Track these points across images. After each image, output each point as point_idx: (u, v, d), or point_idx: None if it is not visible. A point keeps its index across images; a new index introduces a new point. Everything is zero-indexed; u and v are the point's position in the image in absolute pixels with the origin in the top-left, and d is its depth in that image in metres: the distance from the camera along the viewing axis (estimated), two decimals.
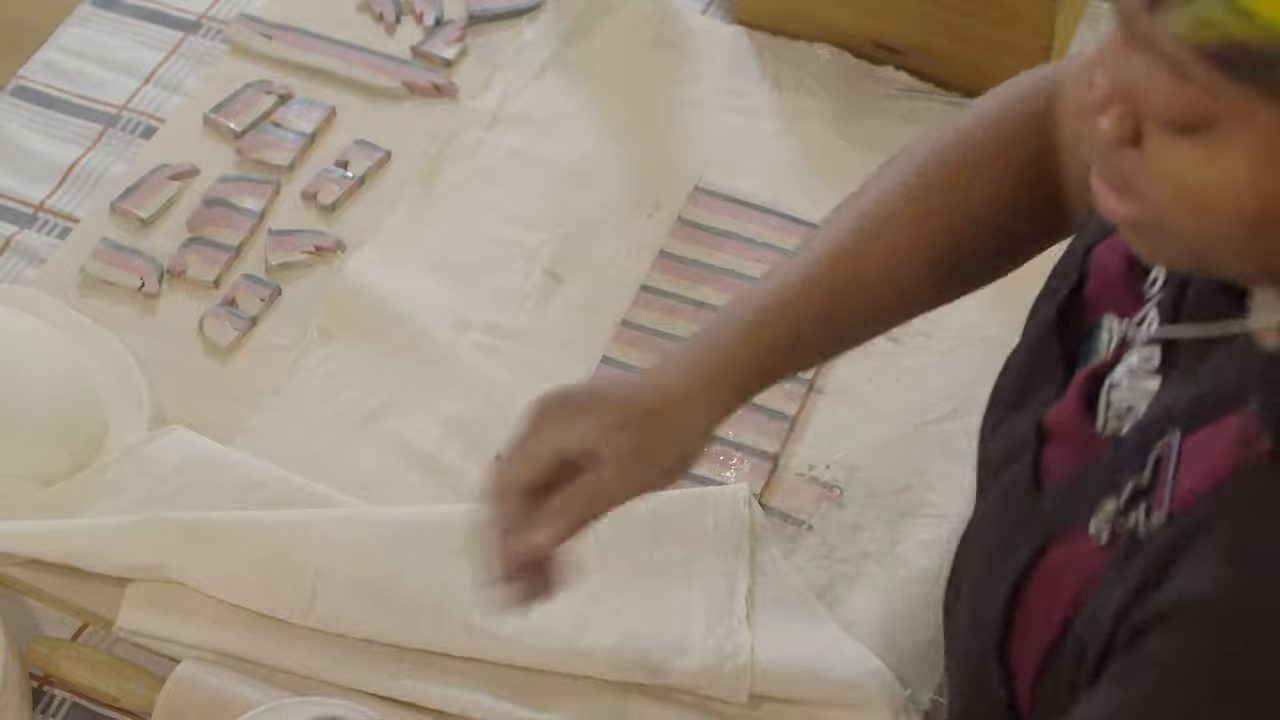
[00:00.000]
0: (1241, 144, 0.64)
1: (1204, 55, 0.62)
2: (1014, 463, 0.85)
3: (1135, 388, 0.79)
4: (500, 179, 1.41)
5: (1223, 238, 0.67)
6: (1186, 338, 0.77)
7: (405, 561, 1.14)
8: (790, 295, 0.94)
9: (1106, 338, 0.83)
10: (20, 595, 1.18)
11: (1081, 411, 0.82)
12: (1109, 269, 0.84)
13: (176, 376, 1.29)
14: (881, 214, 0.96)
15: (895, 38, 1.46)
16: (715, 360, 0.92)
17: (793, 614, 1.15)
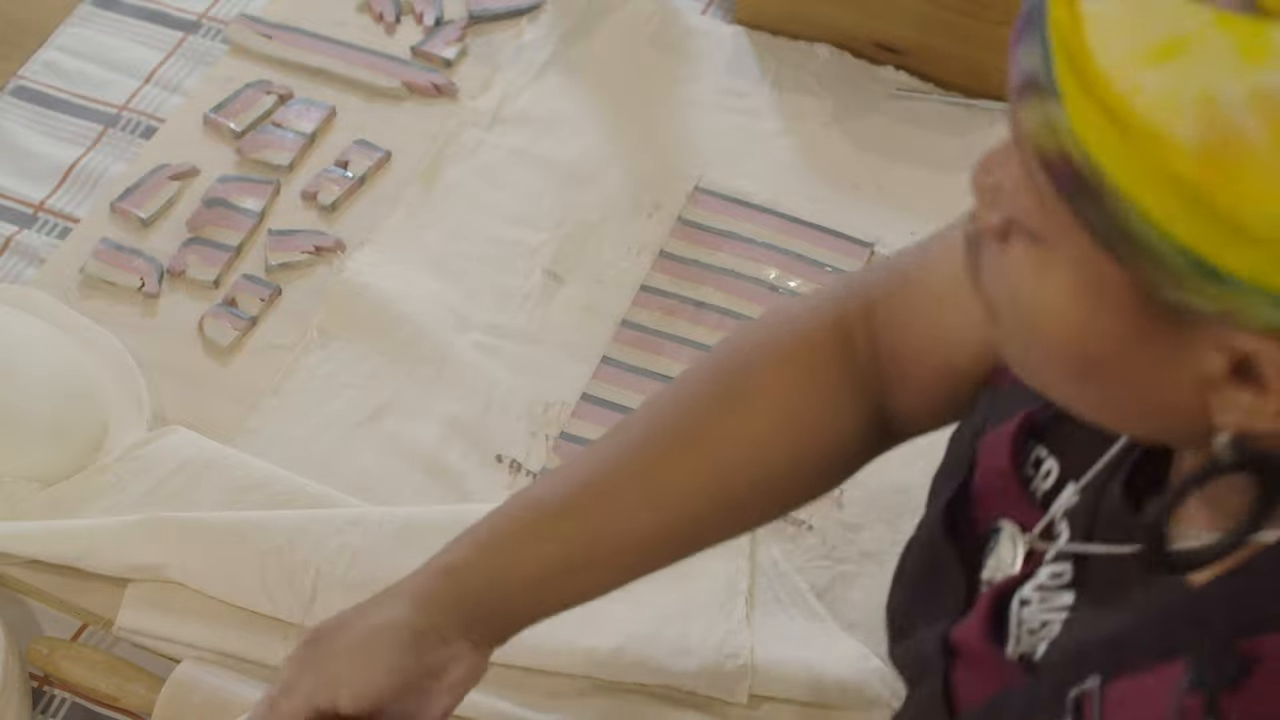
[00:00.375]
0: (1065, 270, 0.59)
1: (1043, 163, 0.57)
2: (924, 680, 0.79)
3: (1047, 605, 0.74)
4: (500, 179, 1.41)
5: (1046, 367, 0.63)
6: (1101, 555, 0.72)
7: (405, 561, 1.14)
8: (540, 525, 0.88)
9: (1010, 546, 0.77)
10: (20, 595, 1.18)
11: (989, 632, 0.75)
12: (994, 464, 0.79)
13: (176, 376, 1.29)
14: (668, 430, 0.89)
15: (895, 38, 1.46)
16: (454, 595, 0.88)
17: (793, 614, 1.15)
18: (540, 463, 1.24)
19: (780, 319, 0.92)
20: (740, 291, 1.33)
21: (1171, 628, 0.65)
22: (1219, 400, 0.58)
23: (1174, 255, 0.54)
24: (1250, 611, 0.63)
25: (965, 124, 1.43)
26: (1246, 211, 0.52)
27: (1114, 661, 0.67)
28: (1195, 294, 0.55)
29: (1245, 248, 0.53)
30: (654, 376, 1.29)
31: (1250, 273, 0.53)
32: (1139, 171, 0.54)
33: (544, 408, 1.27)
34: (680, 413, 0.90)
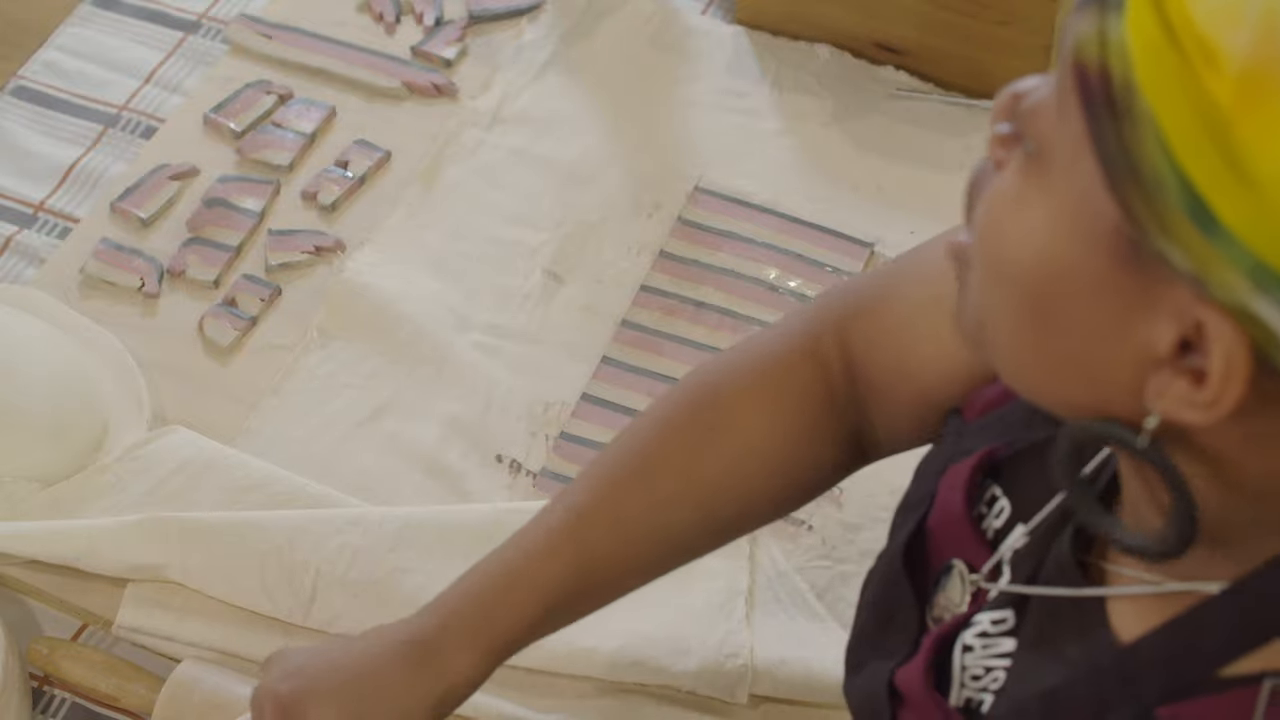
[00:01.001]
0: (1053, 196, 0.58)
1: (1077, 73, 0.55)
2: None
3: (989, 651, 0.72)
4: (500, 179, 1.41)
5: (1000, 300, 0.61)
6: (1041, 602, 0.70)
7: (405, 561, 1.15)
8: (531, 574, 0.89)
9: (959, 585, 0.76)
10: (20, 595, 1.18)
11: (930, 678, 0.74)
12: (949, 501, 0.78)
13: (176, 376, 1.29)
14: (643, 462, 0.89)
15: (895, 38, 1.46)
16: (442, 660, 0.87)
17: (793, 614, 1.15)
18: (540, 463, 1.24)
19: (752, 346, 0.92)
20: (740, 291, 1.33)
21: (1101, 687, 0.65)
22: (1155, 382, 0.57)
23: (1175, 189, 0.53)
24: (1178, 674, 0.62)
25: (965, 124, 1.43)
26: (1260, 153, 0.52)
27: None
28: (1177, 244, 0.54)
29: (1243, 193, 0.52)
30: (654, 376, 1.29)
31: (1241, 225, 0.52)
32: (1173, 88, 0.53)
33: (544, 408, 1.27)
34: (654, 444, 0.90)
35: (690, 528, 0.91)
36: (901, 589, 0.79)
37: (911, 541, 0.80)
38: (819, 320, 0.90)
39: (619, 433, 0.93)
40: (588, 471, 0.91)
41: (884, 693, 0.77)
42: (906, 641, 0.78)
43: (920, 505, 0.80)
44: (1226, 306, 0.54)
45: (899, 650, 0.78)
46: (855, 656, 0.83)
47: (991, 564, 0.75)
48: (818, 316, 0.90)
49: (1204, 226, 0.53)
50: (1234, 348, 0.54)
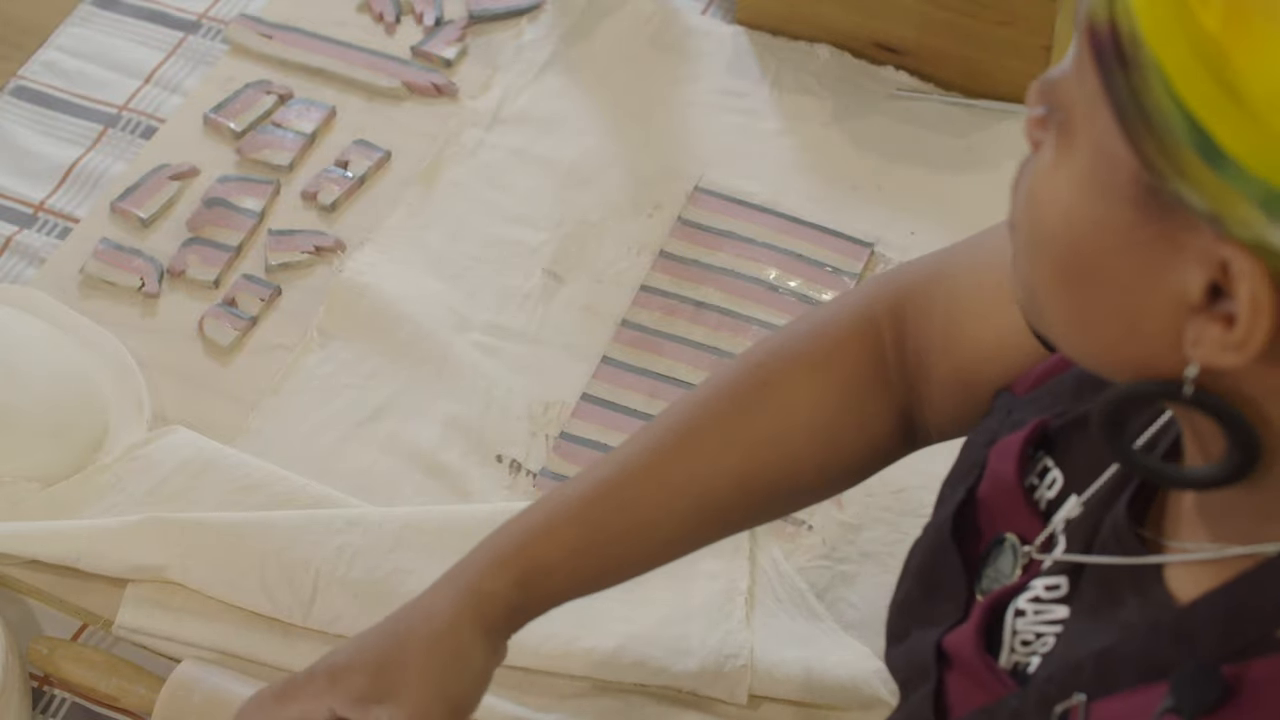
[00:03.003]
0: (1080, 155, 0.60)
1: (1091, 33, 0.58)
2: (917, 687, 0.79)
3: (1041, 617, 0.74)
4: (500, 179, 1.41)
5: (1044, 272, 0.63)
6: (1096, 568, 0.71)
7: (405, 562, 1.14)
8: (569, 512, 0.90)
9: (1010, 557, 0.77)
10: (20, 595, 1.18)
11: (982, 641, 0.75)
12: (1001, 472, 0.79)
13: (176, 376, 1.29)
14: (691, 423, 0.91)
15: (895, 38, 1.46)
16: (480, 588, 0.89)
17: (793, 614, 1.15)
18: (540, 463, 1.24)
19: (807, 321, 0.93)
20: (740, 291, 1.33)
21: (1158, 646, 0.65)
22: (1191, 329, 0.58)
23: (1182, 127, 0.54)
24: (1238, 633, 0.62)
25: (965, 124, 1.43)
26: (1251, 75, 0.53)
27: (1101, 679, 0.67)
28: (1192, 184, 0.55)
29: (1244, 121, 0.53)
30: (654, 376, 1.29)
31: (1246, 153, 0.53)
32: (1171, 28, 0.54)
33: (544, 408, 1.27)
34: (706, 412, 0.91)
35: (729, 492, 0.91)
36: (949, 557, 0.80)
37: (960, 511, 0.80)
38: (874, 297, 0.91)
39: (685, 394, 0.94)
40: (641, 432, 0.93)
41: (932, 656, 0.78)
42: (955, 609, 0.78)
43: (969, 475, 0.81)
44: (1246, 242, 0.55)
45: (946, 617, 0.78)
46: (898, 624, 0.84)
47: (1045, 535, 0.76)
48: (873, 293, 0.91)
49: (1212, 160, 0.54)
50: (1257, 283, 0.55)
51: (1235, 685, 0.61)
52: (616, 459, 0.92)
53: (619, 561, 0.92)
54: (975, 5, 1.40)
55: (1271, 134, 0.53)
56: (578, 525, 0.90)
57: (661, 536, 0.92)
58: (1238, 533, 0.64)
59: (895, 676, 0.85)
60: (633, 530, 0.91)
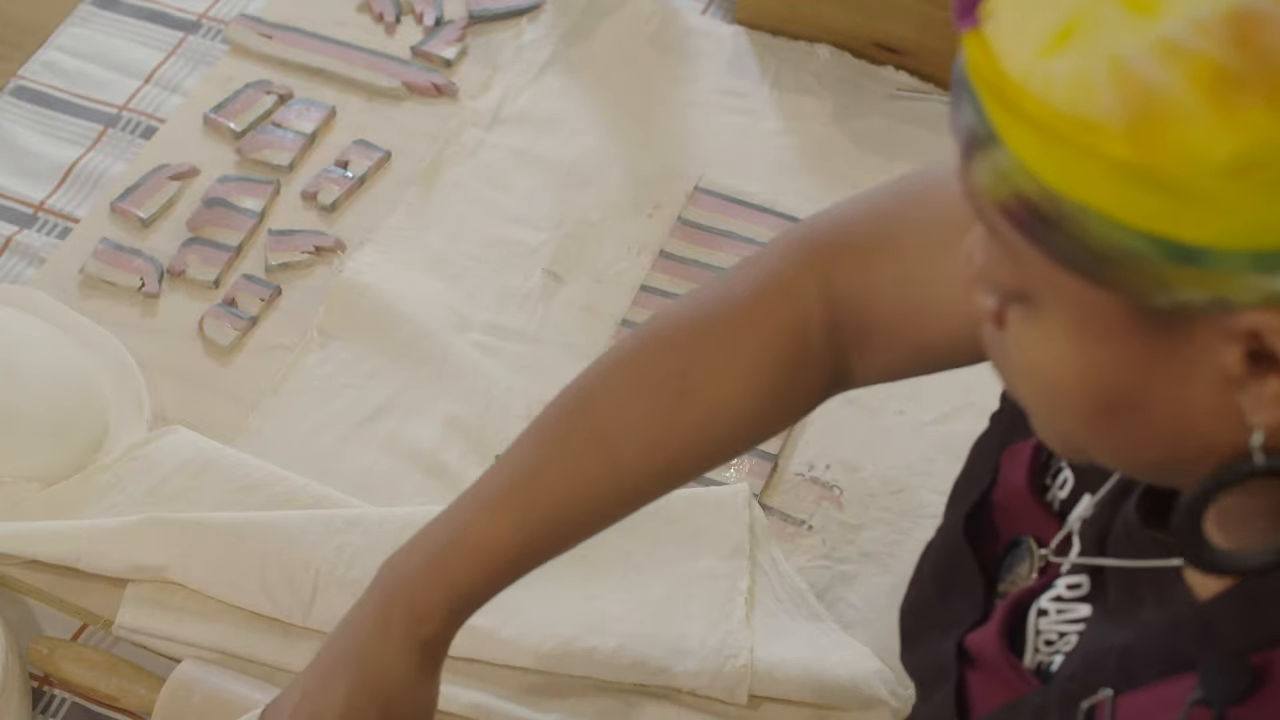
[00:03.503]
0: (1059, 317, 0.59)
1: (1005, 214, 0.57)
2: (938, 688, 0.79)
3: (1064, 616, 0.74)
4: (500, 179, 1.41)
5: (1072, 422, 0.62)
6: (1115, 569, 0.71)
7: None
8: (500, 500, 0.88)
9: (1028, 560, 0.77)
10: (20, 595, 1.18)
11: (1005, 640, 0.75)
12: (1013, 478, 0.79)
13: (176, 376, 1.29)
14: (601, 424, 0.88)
15: (895, 38, 1.46)
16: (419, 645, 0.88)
17: (793, 614, 1.15)
18: None
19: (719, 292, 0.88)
20: None
21: (1182, 641, 0.65)
22: (1246, 398, 0.57)
23: (1145, 249, 0.54)
24: (1262, 625, 0.62)
25: None
26: (1185, 170, 0.52)
27: (1126, 674, 0.67)
28: (1183, 287, 0.54)
29: (1201, 211, 0.52)
30: None
31: (1216, 238, 0.53)
32: (1082, 171, 0.54)
33: (544, 408, 1.27)
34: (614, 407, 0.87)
35: (652, 486, 0.89)
36: (964, 560, 0.80)
37: (974, 514, 0.80)
38: (797, 261, 0.86)
39: (568, 386, 0.90)
40: (536, 428, 0.89)
41: (953, 656, 0.77)
42: (973, 609, 0.78)
43: (981, 479, 0.81)
44: (1261, 303, 0.54)
45: (964, 618, 0.78)
46: (912, 626, 0.84)
47: (1061, 537, 0.76)
48: (795, 257, 0.86)
49: (1188, 260, 0.53)
50: None
51: (1263, 674, 0.61)
52: (522, 461, 0.89)
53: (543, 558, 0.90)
54: None
55: (1226, 207, 0.52)
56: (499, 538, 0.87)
57: (582, 534, 0.90)
58: (1254, 534, 0.64)
59: (912, 677, 0.84)
60: (556, 536, 0.89)
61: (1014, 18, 0.55)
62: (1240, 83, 0.51)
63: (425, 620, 0.87)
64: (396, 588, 0.88)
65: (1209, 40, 0.51)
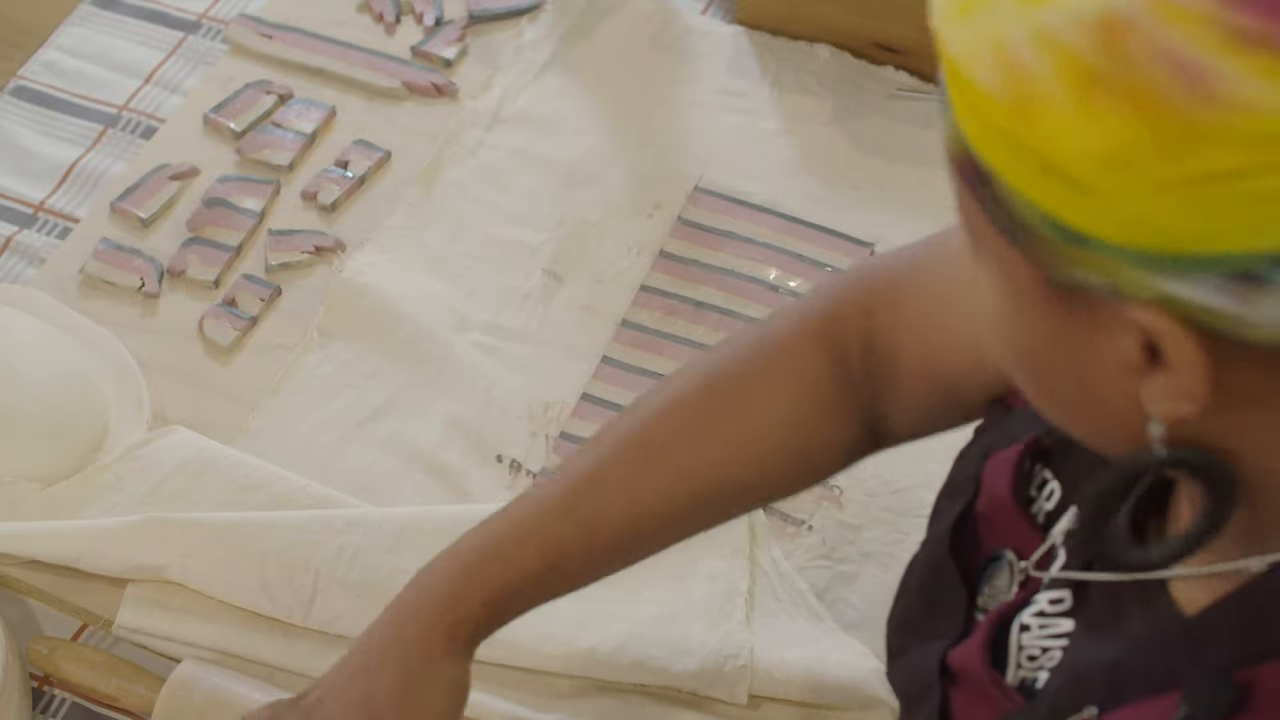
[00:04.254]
0: (992, 270, 0.60)
1: (956, 165, 0.59)
2: (921, 703, 0.79)
3: (1046, 631, 0.73)
4: (500, 179, 1.41)
5: (1009, 367, 0.63)
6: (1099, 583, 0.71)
7: (405, 562, 1.14)
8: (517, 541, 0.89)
9: (1008, 574, 0.77)
10: (20, 595, 1.18)
11: (988, 656, 0.75)
12: (995, 488, 0.79)
13: (176, 376, 1.29)
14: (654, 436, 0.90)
15: (895, 38, 1.46)
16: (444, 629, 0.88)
17: (793, 614, 1.15)
18: (540, 463, 1.24)
19: (767, 327, 0.91)
20: (740, 291, 1.33)
21: (1168, 658, 0.65)
22: (1145, 388, 0.57)
23: (1041, 223, 0.54)
24: (1248, 641, 0.62)
25: None
26: (1061, 155, 0.52)
27: (1111, 691, 0.67)
28: (1079, 267, 0.54)
29: (1081, 198, 0.53)
30: (654, 376, 1.29)
31: (1096, 227, 0.53)
32: (989, 138, 0.55)
33: (544, 408, 1.27)
34: (666, 420, 0.90)
35: (693, 506, 0.90)
36: (948, 573, 0.79)
37: (958, 526, 0.80)
38: (841, 300, 0.89)
39: (630, 406, 0.92)
40: (598, 439, 0.91)
41: (935, 672, 0.77)
42: (955, 624, 0.78)
43: (964, 491, 0.81)
44: (1152, 301, 0.54)
45: (947, 633, 0.78)
46: (898, 641, 0.83)
47: (1042, 551, 0.75)
48: (840, 295, 0.90)
49: (1076, 242, 0.54)
50: (1176, 334, 0.54)
51: (1248, 692, 0.61)
52: (573, 475, 0.90)
53: (581, 576, 0.91)
54: None
55: (1102, 198, 0.52)
56: (538, 545, 0.88)
57: (624, 550, 0.91)
58: (1234, 547, 0.64)
59: (896, 692, 0.84)
60: (594, 547, 0.90)
61: None
62: (1105, 85, 0.51)
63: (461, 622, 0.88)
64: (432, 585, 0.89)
65: (1083, 38, 0.51)
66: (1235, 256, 0.51)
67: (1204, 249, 0.51)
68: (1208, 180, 0.50)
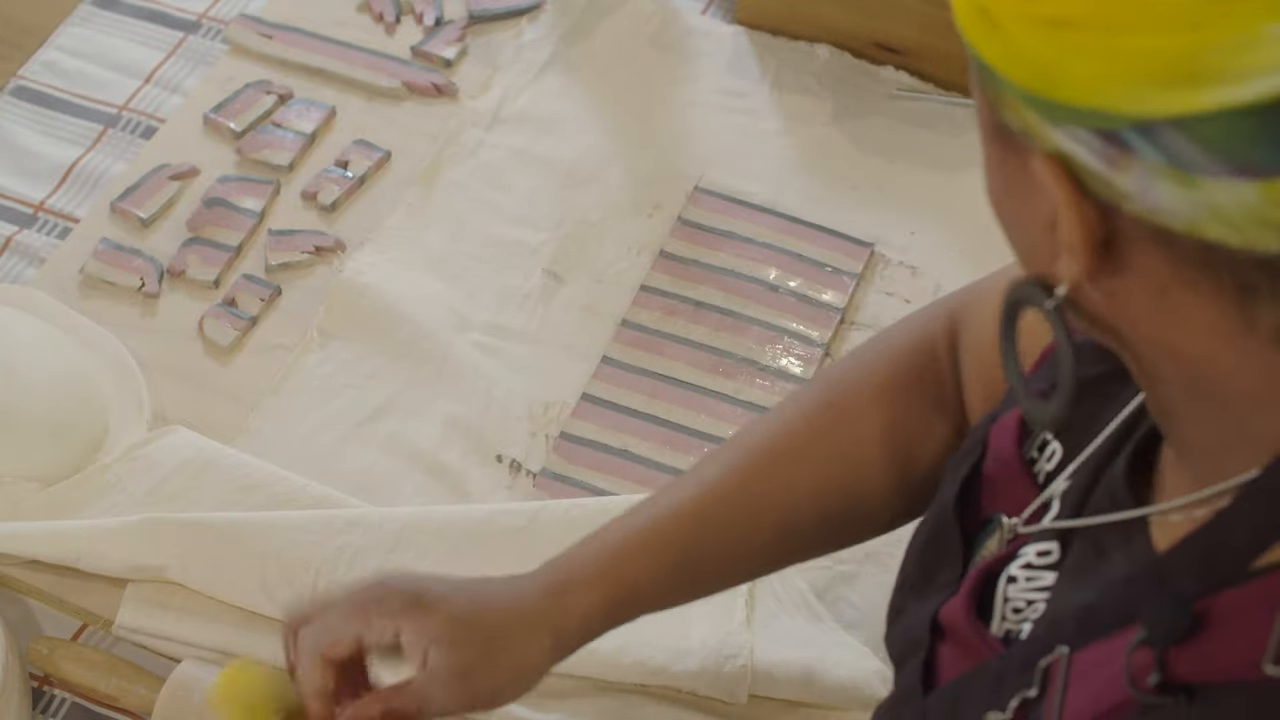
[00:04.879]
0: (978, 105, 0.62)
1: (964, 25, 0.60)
2: (909, 659, 0.80)
3: (1032, 584, 0.75)
4: (500, 179, 1.41)
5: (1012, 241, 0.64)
6: (1086, 531, 0.72)
7: (405, 562, 1.14)
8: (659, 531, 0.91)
9: (999, 537, 0.78)
10: (20, 595, 1.18)
11: (973, 609, 0.76)
12: (1000, 448, 0.80)
13: (176, 376, 1.29)
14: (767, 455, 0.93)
15: (895, 38, 1.46)
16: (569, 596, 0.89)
17: (793, 614, 1.15)
18: (540, 463, 1.24)
19: (878, 342, 0.96)
20: (740, 291, 1.33)
21: (1135, 593, 0.66)
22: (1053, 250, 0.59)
23: (974, 57, 0.57)
24: (1211, 572, 0.63)
25: (965, 124, 1.43)
26: None
27: (1082, 631, 0.68)
28: (1004, 109, 0.57)
29: (992, 35, 0.55)
30: (654, 376, 1.29)
31: (1002, 64, 0.56)
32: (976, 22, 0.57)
33: (544, 408, 1.27)
34: (785, 433, 0.93)
35: (809, 511, 0.93)
36: (950, 534, 0.81)
37: (964, 488, 0.82)
38: (930, 318, 0.94)
39: (758, 418, 0.96)
40: (718, 454, 0.94)
41: (926, 630, 0.79)
42: (949, 581, 0.79)
43: (971, 453, 0.82)
44: (1049, 154, 0.56)
45: (942, 589, 0.80)
46: (897, 602, 0.85)
47: (1034, 507, 0.76)
48: (931, 314, 0.95)
49: (995, 82, 0.57)
50: (1059, 184, 0.56)
51: (1206, 615, 0.62)
52: (697, 480, 0.93)
53: (702, 582, 0.94)
54: None
55: (1004, 35, 0.55)
56: (666, 547, 0.90)
57: (745, 557, 0.94)
58: (1210, 472, 0.64)
59: (891, 655, 0.85)
60: (719, 551, 0.92)
61: None
62: None
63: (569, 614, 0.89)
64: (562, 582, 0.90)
65: None
66: (1099, 113, 0.53)
67: (1071, 98, 0.54)
68: (1060, 25, 0.53)
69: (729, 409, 1.27)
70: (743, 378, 1.29)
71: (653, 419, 1.26)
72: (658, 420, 1.26)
